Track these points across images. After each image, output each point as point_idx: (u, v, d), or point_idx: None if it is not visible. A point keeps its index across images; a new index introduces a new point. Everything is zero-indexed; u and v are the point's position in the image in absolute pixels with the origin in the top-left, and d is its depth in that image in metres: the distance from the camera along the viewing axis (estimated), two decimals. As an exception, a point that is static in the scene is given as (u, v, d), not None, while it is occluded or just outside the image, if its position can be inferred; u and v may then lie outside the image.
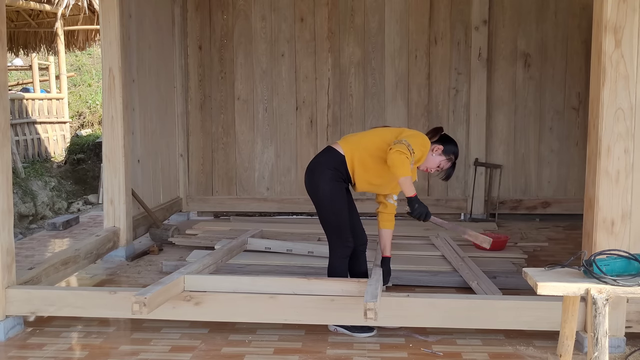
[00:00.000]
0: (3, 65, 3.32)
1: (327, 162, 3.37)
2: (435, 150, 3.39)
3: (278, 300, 3.27)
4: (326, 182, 3.34)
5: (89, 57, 15.55)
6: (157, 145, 5.92)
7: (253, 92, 6.55)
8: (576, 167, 6.28)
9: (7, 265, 3.37)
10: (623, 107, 2.98)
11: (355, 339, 3.32)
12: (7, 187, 3.35)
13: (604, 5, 2.97)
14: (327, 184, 3.34)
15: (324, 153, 3.44)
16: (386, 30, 6.37)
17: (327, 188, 3.34)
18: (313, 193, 3.41)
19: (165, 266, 4.58)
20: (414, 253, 4.77)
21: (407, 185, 3.15)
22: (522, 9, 6.27)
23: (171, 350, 3.20)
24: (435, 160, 3.40)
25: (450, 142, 3.43)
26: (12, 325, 3.41)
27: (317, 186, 3.36)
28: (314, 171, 3.39)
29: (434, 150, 3.39)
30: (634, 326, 3.14)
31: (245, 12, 6.49)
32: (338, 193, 3.38)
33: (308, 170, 3.44)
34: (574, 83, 6.29)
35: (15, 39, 10.90)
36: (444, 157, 3.39)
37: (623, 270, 2.37)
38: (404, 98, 6.40)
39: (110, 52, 4.81)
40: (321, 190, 3.36)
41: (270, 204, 6.62)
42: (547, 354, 3.10)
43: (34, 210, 8.10)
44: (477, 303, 3.29)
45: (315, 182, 3.37)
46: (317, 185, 3.36)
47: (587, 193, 3.19)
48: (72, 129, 12.34)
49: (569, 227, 5.98)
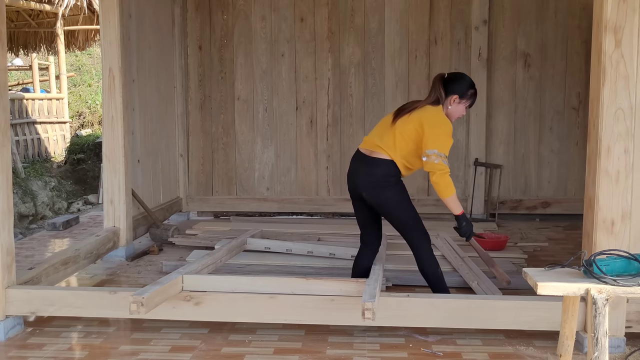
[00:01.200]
0: (3, 65, 3.32)
1: (385, 172, 3.38)
2: (453, 102, 3.40)
3: (278, 300, 3.27)
4: (392, 192, 3.39)
5: (89, 57, 15.55)
6: (157, 145, 5.92)
7: (253, 92, 6.55)
8: (576, 167, 6.28)
9: (7, 265, 3.37)
10: (623, 107, 2.98)
11: (355, 339, 3.31)
12: (7, 187, 3.35)
13: (604, 5, 2.96)
14: (392, 193, 3.39)
15: (373, 164, 3.40)
16: (386, 30, 6.37)
17: (395, 197, 3.40)
18: (382, 205, 3.44)
19: (165, 266, 4.58)
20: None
21: (454, 204, 3.31)
22: (522, 9, 6.27)
23: (171, 350, 3.20)
24: (459, 109, 3.43)
25: (458, 81, 3.41)
26: (12, 325, 3.41)
27: (387, 199, 3.40)
28: (377, 184, 3.38)
29: (452, 103, 3.39)
30: (634, 326, 3.13)
31: (245, 12, 6.49)
32: (404, 194, 3.43)
33: (367, 186, 3.40)
34: (574, 83, 6.29)
35: (15, 39, 10.91)
36: (465, 100, 3.41)
37: (623, 270, 2.37)
38: (404, 98, 6.39)
39: (110, 52, 4.81)
40: (391, 202, 3.41)
41: (270, 204, 6.62)
42: (547, 354, 3.10)
43: (34, 210, 8.10)
44: (477, 303, 3.29)
45: (384, 196, 3.40)
46: (387, 198, 3.40)
47: (587, 193, 3.19)
48: (72, 129, 12.35)
49: (569, 227, 5.98)
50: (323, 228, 5.70)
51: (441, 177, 3.26)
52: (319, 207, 6.55)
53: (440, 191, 3.30)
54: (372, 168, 3.41)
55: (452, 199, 3.32)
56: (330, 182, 6.55)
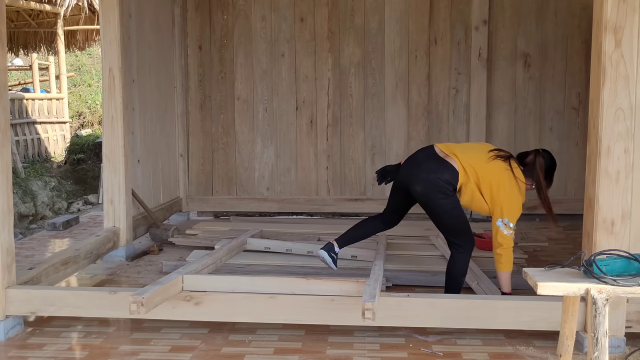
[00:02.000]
0: (3, 65, 3.32)
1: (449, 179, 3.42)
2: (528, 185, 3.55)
3: (278, 300, 3.27)
4: (447, 201, 3.43)
5: (89, 57, 15.55)
6: (157, 145, 5.92)
7: (253, 92, 6.55)
8: (576, 167, 6.27)
9: (7, 265, 3.37)
10: (623, 107, 2.98)
11: (355, 339, 3.31)
12: (7, 187, 3.35)
13: (604, 5, 2.96)
14: (447, 202, 3.43)
15: (442, 166, 3.44)
16: (386, 30, 6.37)
17: (447, 206, 3.44)
18: (432, 208, 3.49)
19: (165, 266, 4.58)
20: (414, 253, 4.77)
21: (506, 281, 3.47)
22: (522, 9, 6.27)
23: (171, 350, 3.20)
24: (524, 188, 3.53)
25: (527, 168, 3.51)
26: (12, 325, 3.41)
27: (440, 205, 3.44)
28: (437, 186, 3.42)
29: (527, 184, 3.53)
30: (634, 326, 3.14)
31: (245, 12, 6.49)
32: (457, 204, 3.47)
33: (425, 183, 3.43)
34: (574, 83, 6.29)
35: (15, 39, 10.92)
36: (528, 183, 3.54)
37: (623, 270, 2.37)
38: (404, 98, 6.40)
39: (110, 52, 4.81)
40: (443, 209, 3.45)
41: (270, 204, 6.62)
42: (547, 354, 3.10)
43: (34, 210, 8.10)
44: (477, 303, 3.29)
45: (438, 201, 3.44)
46: (440, 204, 3.44)
47: (587, 193, 3.19)
48: (72, 129, 12.35)
49: (569, 227, 5.97)
50: (323, 228, 5.70)
51: (507, 252, 3.42)
52: (319, 207, 6.55)
53: (501, 264, 3.44)
54: (440, 169, 3.43)
55: (508, 275, 3.48)
56: (330, 182, 6.55)
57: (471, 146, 3.58)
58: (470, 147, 3.61)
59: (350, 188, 6.54)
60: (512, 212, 3.45)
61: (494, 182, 3.45)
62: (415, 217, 5.09)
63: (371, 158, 6.49)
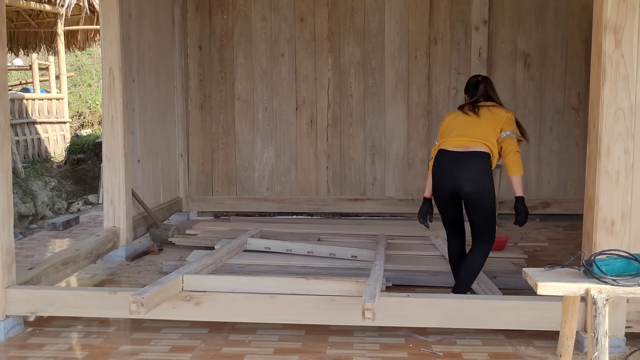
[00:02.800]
0: (3, 65, 3.32)
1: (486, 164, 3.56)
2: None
3: (278, 300, 3.27)
4: (491, 184, 3.57)
5: (89, 57, 15.55)
6: (157, 146, 5.92)
7: (253, 92, 6.55)
8: (576, 167, 6.27)
9: (7, 265, 3.37)
10: (623, 107, 2.98)
11: (355, 339, 3.31)
12: (7, 187, 3.35)
13: (604, 5, 2.96)
14: (492, 185, 3.58)
15: (472, 157, 3.56)
16: (386, 30, 6.37)
17: (492, 189, 3.59)
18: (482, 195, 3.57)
19: (165, 266, 4.58)
20: (414, 253, 4.78)
21: (520, 184, 3.58)
22: (522, 9, 6.27)
23: (171, 350, 3.20)
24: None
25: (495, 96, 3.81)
26: (12, 325, 3.41)
27: (489, 189, 3.56)
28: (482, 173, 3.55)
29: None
30: (634, 326, 3.14)
31: (245, 12, 6.49)
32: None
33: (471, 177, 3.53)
34: (574, 83, 6.29)
35: (15, 39, 10.92)
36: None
37: (623, 270, 2.37)
38: (404, 98, 6.40)
39: (110, 52, 4.81)
40: (490, 193, 3.57)
41: (270, 204, 6.62)
42: (547, 354, 3.10)
43: (34, 210, 8.10)
44: (477, 303, 3.29)
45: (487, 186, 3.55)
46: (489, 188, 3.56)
47: (587, 193, 3.19)
48: (72, 129, 12.34)
49: (569, 227, 5.98)
50: (323, 228, 5.70)
51: (518, 155, 3.59)
52: (319, 207, 6.55)
53: (513, 167, 3.56)
54: (474, 160, 3.55)
55: (520, 178, 3.59)
56: (330, 182, 6.55)
57: (462, 121, 3.66)
58: (465, 123, 3.67)
59: (350, 188, 6.54)
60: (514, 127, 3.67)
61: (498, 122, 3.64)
62: (415, 217, 5.08)
63: (371, 158, 6.49)
